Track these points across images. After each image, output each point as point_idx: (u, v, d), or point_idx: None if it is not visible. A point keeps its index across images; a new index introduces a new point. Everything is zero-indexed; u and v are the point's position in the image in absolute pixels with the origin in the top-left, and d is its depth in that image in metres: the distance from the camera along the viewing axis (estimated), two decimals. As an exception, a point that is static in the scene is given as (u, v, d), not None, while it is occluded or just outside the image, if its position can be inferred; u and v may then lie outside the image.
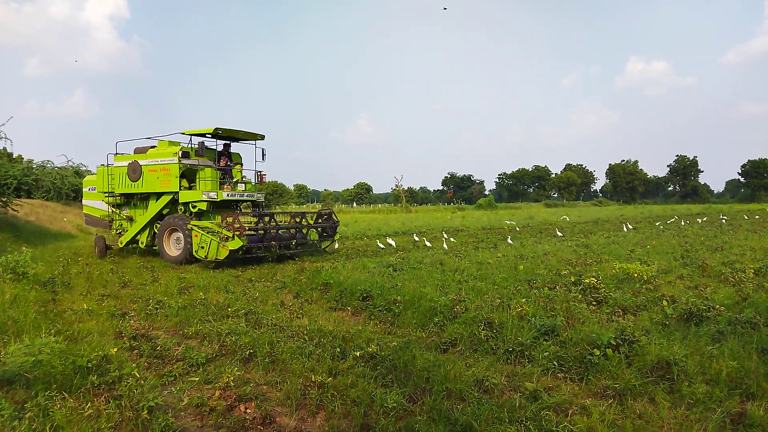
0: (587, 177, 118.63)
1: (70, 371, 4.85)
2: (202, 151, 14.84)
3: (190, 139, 15.26)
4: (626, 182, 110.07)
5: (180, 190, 14.70)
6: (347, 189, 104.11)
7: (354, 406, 4.49)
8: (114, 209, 16.57)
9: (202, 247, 13.25)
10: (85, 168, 33.85)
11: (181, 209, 15.08)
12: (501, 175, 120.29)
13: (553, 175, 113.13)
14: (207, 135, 15.03)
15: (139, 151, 15.92)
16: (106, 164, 16.26)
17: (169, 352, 6.06)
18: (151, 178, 15.10)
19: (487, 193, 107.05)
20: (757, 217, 32.33)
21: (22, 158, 33.26)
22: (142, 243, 15.88)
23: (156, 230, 15.38)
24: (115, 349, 5.75)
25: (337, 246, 16.84)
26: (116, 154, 16.08)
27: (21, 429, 3.87)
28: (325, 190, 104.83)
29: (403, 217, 43.71)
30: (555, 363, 5.27)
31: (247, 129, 15.52)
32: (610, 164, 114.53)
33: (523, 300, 7.35)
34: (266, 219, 14.91)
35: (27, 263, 9.98)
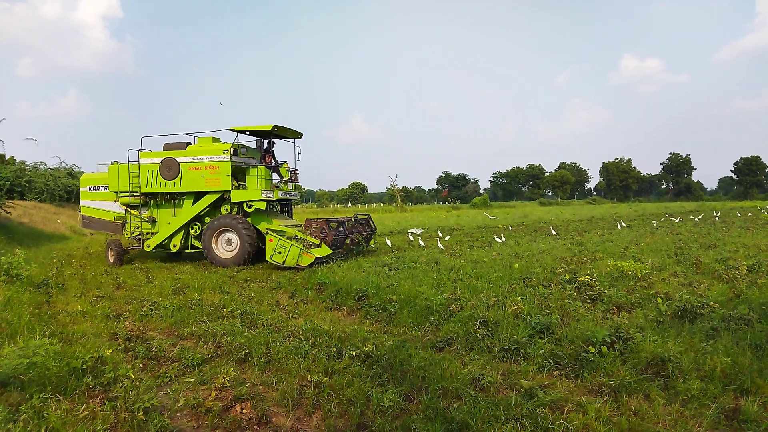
0: (581, 175, 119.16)
1: (64, 373, 4.84)
2: (262, 148, 14.59)
3: (237, 136, 14.44)
4: (620, 180, 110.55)
5: (232, 189, 14.05)
6: (342, 189, 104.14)
7: (350, 406, 4.49)
8: (131, 210, 15.12)
9: (279, 253, 12.91)
10: (78, 169, 33.72)
11: (226, 209, 14.41)
12: (495, 173, 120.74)
13: (548, 174, 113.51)
14: (245, 132, 14.59)
15: (172, 147, 14.68)
16: (128, 161, 14.69)
17: (164, 353, 6.05)
18: (193, 176, 14.09)
19: (481, 191, 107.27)
20: (749, 214, 32.51)
21: (15, 160, 33.11)
22: (174, 246, 14.70)
23: (193, 231, 14.63)
24: (110, 351, 5.73)
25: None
26: (141, 150, 14.70)
27: (16, 431, 3.85)
28: (320, 189, 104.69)
29: (399, 216, 43.69)
30: (550, 361, 5.29)
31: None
32: (603, 162, 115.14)
33: (519, 298, 7.37)
34: (338, 225, 14.90)
35: (20, 265, 9.92)
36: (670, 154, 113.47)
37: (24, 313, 7.26)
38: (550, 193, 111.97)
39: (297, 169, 16.06)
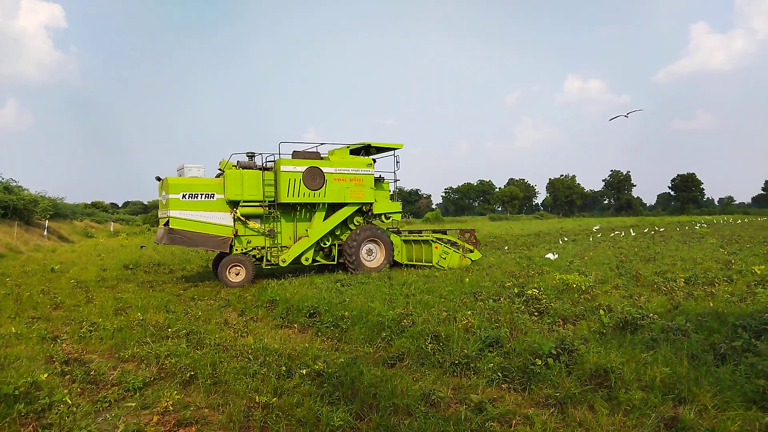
0: (529, 191, 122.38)
1: (-7, 401, 4.55)
2: (398, 165, 15.34)
3: (367, 151, 15.38)
4: (565, 196, 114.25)
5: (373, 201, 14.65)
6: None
7: (300, 426, 4.41)
8: (248, 222, 13.46)
9: (444, 258, 14.28)
10: (15, 183, 31.93)
11: (358, 221, 14.69)
12: (447, 189, 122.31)
13: (497, 189, 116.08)
14: (377, 147, 15.27)
15: (303, 156, 13.96)
16: (262, 166, 13.67)
17: (103, 377, 5.78)
18: (337, 187, 13.89)
19: (434, 207, 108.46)
20: (686, 228, 34.20)
21: (-56, 173, 31.14)
22: (306, 259, 13.92)
23: (323, 244, 14.32)
24: (46, 375, 5.43)
25: None
26: (279, 156, 13.62)
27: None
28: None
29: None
30: (499, 374, 5.37)
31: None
32: (550, 179, 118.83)
33: (469, 312, 7.47)
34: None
35: (-53, 285, 9.31)
36: (612, 171, 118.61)
37: (-51, 336, 6.81)
38: (499, 208, 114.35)
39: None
